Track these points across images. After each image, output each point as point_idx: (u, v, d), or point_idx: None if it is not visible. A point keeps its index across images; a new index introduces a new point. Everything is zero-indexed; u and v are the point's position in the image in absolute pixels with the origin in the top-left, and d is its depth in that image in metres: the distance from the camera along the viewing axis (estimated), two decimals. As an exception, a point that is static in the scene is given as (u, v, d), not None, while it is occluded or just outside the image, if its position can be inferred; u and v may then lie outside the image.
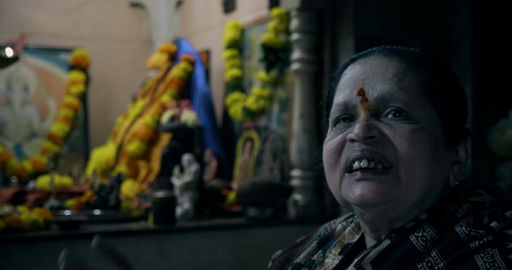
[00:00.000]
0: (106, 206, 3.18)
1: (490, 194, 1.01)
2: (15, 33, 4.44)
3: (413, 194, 0.98)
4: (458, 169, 1.04)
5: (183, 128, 3.53)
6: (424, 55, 1.06)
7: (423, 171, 0.97)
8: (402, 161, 0.97)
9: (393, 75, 1.01)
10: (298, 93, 3.43)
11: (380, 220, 1.01)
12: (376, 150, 0.98)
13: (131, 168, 4.25)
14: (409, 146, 0.97)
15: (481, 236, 0.92)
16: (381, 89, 1.00)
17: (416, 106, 0.99)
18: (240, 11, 4.36)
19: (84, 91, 4.94)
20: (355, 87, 1.02)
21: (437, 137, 1.00)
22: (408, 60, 1.03)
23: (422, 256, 0.93)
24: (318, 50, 3.47)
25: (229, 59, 4.19)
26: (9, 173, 4.43)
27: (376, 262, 0.96)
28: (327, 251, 1.10)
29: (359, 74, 1.04)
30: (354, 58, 1.09)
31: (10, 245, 2.68)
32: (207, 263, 3.05)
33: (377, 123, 0.99)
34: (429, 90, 1.01)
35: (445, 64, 1.08)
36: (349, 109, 1.03)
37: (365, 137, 0.98)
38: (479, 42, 3.43)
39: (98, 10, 5.38)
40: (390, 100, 0.99)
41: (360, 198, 0.98)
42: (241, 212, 3.34)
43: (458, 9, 3.48)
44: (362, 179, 0.98)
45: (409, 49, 1.07)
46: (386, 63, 1.03)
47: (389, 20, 3.39)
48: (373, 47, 1.09)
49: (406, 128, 0.98)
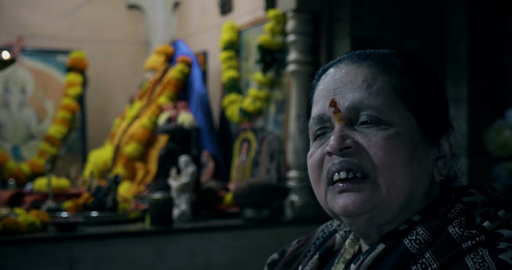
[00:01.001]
0: (103, 208, 3.19)
1: (482, 194, 1.01)
2: (13, 35, 4.45)
3: (395, 199, 0.98)
4: (442, 164, 1.03)
5: (180, 130, 3.53)
6: (395, 54, 1.05)
7: (402, 175, 0.97)
8: (379, 169, 0.97)
9: (362, 82, 1.01)
10: (295, 94, 3.44)
11: (368, 228, 1.01)
12: (352, 161, 0.98)
13: (128, 170, 4.26)
14: (384, 153, 0.97)
15: (473, 236, 0.92)
16: (351, 97, 1.00)
17: (388, 110, 0.99)
18: (237, 12, 4.37)
19: (81, 93, 4.94)
20: (328, 98, 1.03)
21: (413, 138, 0.99)
22: (376, 63, 1.03)
23: (417, 258, 0.94)
24: (315, 51, 3.47)
25: (225, 61, 4.19)
26: (7, 175, 4.44)
27: (372, 267, 0.96)
28: (331, 268, 1.10)
29: (330, 84, 1.04)
30: (326, 68, 1.09)
31: (7, 247, 2.68)
32: (204, 264, 3.05)
33: (352, 132, 1.00)
34: (401, 91, 1.01)
35: (418, 60, 1.07)
36: (324, 121, 1.04)
37: (340, 148, 0.99)
38: (475, 43, 3.44)
39: (95, 12, 5.39)
40: (361, 108, 1.00)
41: (344, 209, 0.99)
42: (238, 213, 3.35)
43: (454, 9, 3.49)
44: (343, 191, 0.99)
45: (378, 51, 1.06)
46: (355, 70, 1.03)
47: (385, 21, 3.40)
48: (342, 54, 1.09)
49: (379, 136, 0.98)
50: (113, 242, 2.88)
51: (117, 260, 2.88)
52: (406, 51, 1.07)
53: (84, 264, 2.81)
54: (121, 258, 2.89)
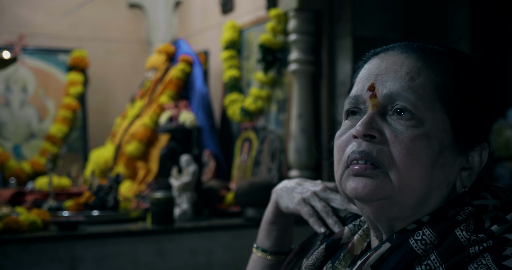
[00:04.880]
0: (104, 207, 3.19)
1: (495, 198, 0.99)
2: (14, 34, 4.45)
3: (407, 198, 0.97)
4: (467, 175, 1.01)
5: (181, 129, 3.53)
6: (447, 54, 1.03)
7: (419, 178, 0.96)
8: (396, 166, 0.96)
9: (405, 73, 0.99)
10: (296, 94, 3.44)
11: (378, 218, 1.00)
12: (371, 154, 0.97)
13: (130, 169, 4.26)
14: (406, 153, 0.96)
15: (481, 240, 0.91)
16: (390, 86, 0.99)
17: (424, 107, 0.97)
18: (238, 11, 4.37)
19: (82, 92, 4.94)
20: (368, 81, 1.01)
21: (443, 142, 0.97)
22: (425, 59, 1.01)
23: (422, 259, 0.93)
24: (316, 51, 3.47)
25: (227, 60, 4.19)
26: (8, 174, 4.44)
27: (376, 265, 0.96)
28: (336, 262, 1.10)
29: (374, 69, 1.02)
30: (376, 52, 1.07)
31: (9, 246, 2.68)
32: (205, 263, 3.05)
33: (382, 122, 0.98)
34: (442, 92, 0.98)
35: (473, 64, 1.03)
36: (359, 103, 1.02)
37: (365, 134, 0.97)
38: (476, 42, 3.43)
39: (96, 11, 5.39)
40: (397, 99, 0.98)
41: (354, 191, 0.98)
42: (239, 213, 3.34)
43: (456, 9, 3.49)
44: (357, 175, 0.98)
45: (431, 46, 1.04)
46: (402, 60, 1.01)
47: (386, 21, 3.39)
48: (394, 43, 1.07)
49: (406, 135, 0.96)
50: (114, 241, 2.88)
51: (118, 259, 2.88)
52: (462, 52, 1.04)
53: (85, 263, 2.81)
54: (122, 257, 2.89)
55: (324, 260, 1.12)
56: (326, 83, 3.42)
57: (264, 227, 1.39)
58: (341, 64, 3.38)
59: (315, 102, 3.47)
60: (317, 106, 3.47)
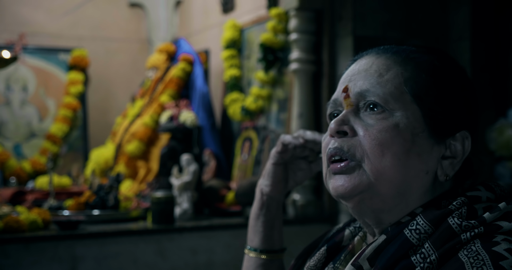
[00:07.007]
0: (105, 206, 3.18)
1: (488, 190, 1.01)
2: (14, 33, 4.44)
3: (385, 188, 1.00)
4: (448, 164, 1.03)
5: (182, 128, 3.53)
6: (420, 51, 1.07)
7: (393, 167, 0.99)
8: (368, 157, 1.00)
9: (374, 71, 1.05)
10: (297, 93, 3.44)
11: (362, 211, 1.03)
12: (342, 149, 1.02)
13: (130, 168, 4.25)
14: (376, 144, 1.00)
15: (473, 226, 0.92)
16: (361, 84, 1.04)
17: (392, 99, 1.01)
18: (239, 11, 4.37)
19: (83, 91, 4.94)
20: (343, 84, 1.08)
21: (414, 131, 1.00)
22: (394, 56, 1.06)
23: (417, 249, 0.94)
24: (317, 50, 3.47)
25: (228, 59, 4.19)
26: (8, 173, 4.44)
27: (373, 257, 0.97)
28: (337, 262, 1.12)
29: (349, 72, 1.09)
30: (354, 59, 1.14)
31: (9, 245, 2.68)
32: (205, 263, 3.05)
33: (355, 119, 1.03)
34: (412, 85, 1.02)
35: (448, 59, 1.07)
36: (337, 106, 1.09)
37: (337, 131, 1.03)
38: (477, 42, 3.43)
39: (97, 10, 5.38)
40: (367, 95, 1.03)
41: (335, 191, 1.03)
42: (240, 212, 3.34)
43: (457, 8, 3.48)
44: (336, 172, 1.03)
45: (404, 47, 1.09)
46: (373, 60, 1.07)
47: (387, 20, 3.39)
48: (372, 47, 1.13)
49: (376, 127, 1.00)
50: (115, 241, 2.88)
51: (119, 258, 2.87)
52: (436, 49, 1.09)
53: (85, 262, 2.81)
54: (123, 256, 2.88)
55: (326, 262, 1.15)
56: (327, 82, 3.42)
57: (251, 223, 1.42)
58: (342, 64, 3.37)
59: (316, 102, 3.46)
60: (318, 106, 3.47)
